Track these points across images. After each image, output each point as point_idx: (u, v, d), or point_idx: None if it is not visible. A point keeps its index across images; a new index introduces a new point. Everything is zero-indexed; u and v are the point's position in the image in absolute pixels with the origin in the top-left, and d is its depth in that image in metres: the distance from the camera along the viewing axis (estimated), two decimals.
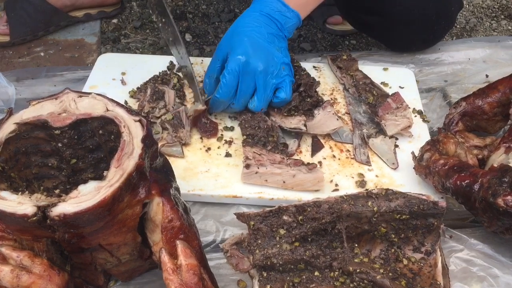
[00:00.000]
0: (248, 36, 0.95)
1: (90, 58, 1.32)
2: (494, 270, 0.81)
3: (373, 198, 0.77)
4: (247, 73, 0.94)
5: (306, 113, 0.99)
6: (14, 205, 0.57)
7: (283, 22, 0.99)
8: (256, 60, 0.93)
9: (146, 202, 0.66)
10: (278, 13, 0.99)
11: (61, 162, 0.71)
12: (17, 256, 0.60)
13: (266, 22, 0.97)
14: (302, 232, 0.76)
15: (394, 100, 0.99)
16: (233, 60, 0.94)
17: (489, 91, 0.97)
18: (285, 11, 0.99)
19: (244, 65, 0.93)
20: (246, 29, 0.96)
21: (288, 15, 0.99)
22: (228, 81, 0.94)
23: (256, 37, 0.95)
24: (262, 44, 0.95)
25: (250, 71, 0.93)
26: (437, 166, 0.85)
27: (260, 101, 0.97)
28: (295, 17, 1.00)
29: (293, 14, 1.00)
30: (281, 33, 0.99)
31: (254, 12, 0.99)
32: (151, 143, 0.66)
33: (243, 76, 0.94)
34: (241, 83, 0.95)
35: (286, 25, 0.99)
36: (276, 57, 0.96)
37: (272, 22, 0.98)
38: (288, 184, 0.89)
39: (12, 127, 0.66)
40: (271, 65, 0.95)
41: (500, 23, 1.58)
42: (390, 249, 0.78)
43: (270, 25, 0.97)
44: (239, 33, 0.96)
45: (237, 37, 0.96)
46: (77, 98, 0.70)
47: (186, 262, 0.62)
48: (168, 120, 0.96)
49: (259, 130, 0.95)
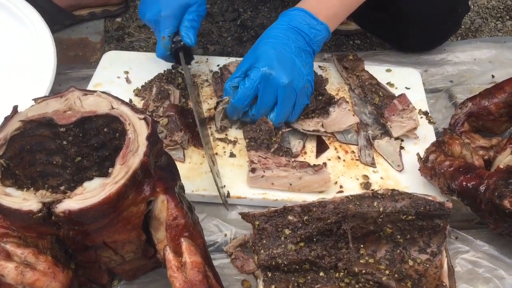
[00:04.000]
0: (274, 48, 0.92)
1: (94, 57, 1.32)
2: (500, 271, 0.81)
3: (379, 198, 0.76)
4: (269, 85, 0.91)
5: (320, 112, 0.99)
6: (19, 201, 0.57)
7: (312, 35, 0.95)
8: (281, 73, 0.90)
9: (151, 199, 0.66)
10: (307, 26, 0.95)
11: (66, 160, 0.71)
12: (22, 253, 0.60)
13: (294, 36, 0.94)
14: (307, 232, 0.75)
15: (400, 102, 0.98)
16: (257, 70, 0.91)
17: (495, 91, 0.97)
18: (314, 24, 0.96)
19: (266, 77, 0.90)
20: (272, 41, 0.93)
21: (318, 27, 0.96)
22: (246, 88, 0.92)
23: (282, 49, 0.92)
24: (289, 57, 0.92)
25: (273, 84, 0.91)
26: (443, 167, 0.85)
27: (279, 115, 0.94)
28: (325, 30, 0.97)
29: (323, 27, 0.96)
30: (309, 48, 0.96)
31: (282, 25, 0.96)
32: (156, 141, 0.66)
33: (265, 88, 0.91)
34: (262, 95, 0.92)
35: (315, 38, 0.96)
36: (302, 72, 0.93)
37: (300, 35, 0.95)
38: (295, 186, 0.88)
39: (17, 125, 0.66)
40: (297, 79, 0.92)
41: (505, 24, 1.57)
42: (395, 250, 0.78)
43: (298, 39, 0.94)
44: (265, 44, 0.93)
45: (263, 48, 0.93)
46: (82, 96, 0.70)
47: (191, 260, 0.62)
48: (164, 125, 0.96)
49: (260, 132, 0.94)
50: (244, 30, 1.49)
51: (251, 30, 1.48)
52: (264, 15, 1.54)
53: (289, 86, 0.91)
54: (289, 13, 0.98)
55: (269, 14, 1.54)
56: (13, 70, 1.07)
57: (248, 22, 1.51)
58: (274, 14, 1.54)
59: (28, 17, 1.08)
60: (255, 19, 1.52)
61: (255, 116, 0.95)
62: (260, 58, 0.92)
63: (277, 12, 1.54)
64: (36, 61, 1.07)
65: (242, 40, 1.45)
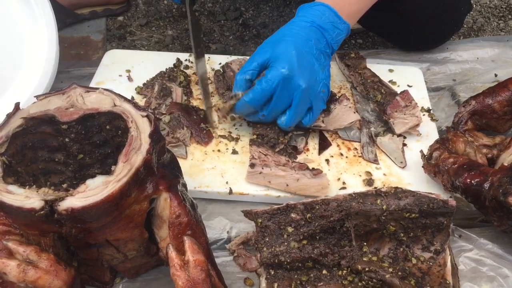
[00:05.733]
0: (296, 49, 0.87)
1: (95, 56, 1.32)
2: (504, 270, 0.80)
3: (382, 196, 0.76)
4: (286, 89, 0.87)
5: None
6: (22, 199, 0.57)
7: (334, 34, 0.91)
8: (300, 77, 0.86)
9: (154, 197, 0.66)
10: (330, 24, 0.91)
11: (68, 157, 0.71)
12: (24, 250, 0.59)
13: (316, 35, 0.90)
14: (310, 230, 0.75)
15: (403, 98, 0.98)
16: (276, 70, 0.86)
17: (499, 89, 0.96)
18: (338, 22, 0.91)
19: (286, 79, 0.86)
20: (294, 39, 0.89)
21: (340, 27, 0.92)
22: (263, 89, 0.87)
23: (303, 51, 0.88)
24: (310, 60, 0.88)
25: (291, 88, 0.87)
26: (447, 164, 0.84)
27: (290, 119, 0.90)
28: (346, 29, 0.93)
29: (345, 26, 0.93)
30: (329, 49, 0.92)
31: (305, 22, 0.91)
32: (158, 139, 0.66)
33: (282, 90, 0.87)
34: (277, 97, 0.88)
35: (336, 38, 0.92)
36: (319, 76, 0.89)
37: (323, 36, 0.91)
38: (291, 187, 0.87)
39: (19, 122, 0.66)
40: (313, 84, 0.88)
41: (507, 23, 1.57)
42: (399, 248, 0.77)
43: (320, 40, 0.90)
44: (287, 42, 0.88)
45: (284, 46, 0.88)
46: (84, 93, 0.70)
47: (194, 258, 0.61)
48: (166, 123, 0.96)
49: (270, 131, 0.94)
50: (246, 29, 1.48)
51: (253, 29, 1.48)
52: (266, 14, 1.53)
53: (306, 91, 0.88)
54: (312, 8, 0.93)
55: (271, 13, 1.54)
56: (13, 61, 1.05)
57: (249, 21, 1.51)
58: (276, 13, 1.53)
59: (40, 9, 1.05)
60: (256, 18, 1.52)
61: (266, 117, 0.91)
62: (280, 57, 0.87)
63: (278, 11, 1.54)
64: (37, 56, 1.05)
65: (244, 39, 1.45)
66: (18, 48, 1.05)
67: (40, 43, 1.05)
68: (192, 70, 1.13)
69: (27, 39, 1.05)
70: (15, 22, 1.05)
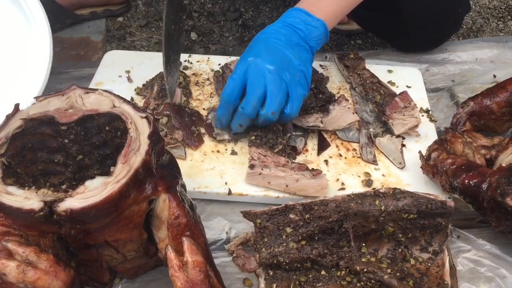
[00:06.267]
0: (264, 41, 0.92)
1: (95, 56, 1.32)
2: (502, 270, 0.81)
3: (381, 197, 0.76)
4: (256, 74, 0.89)
5: (321, 109, 0.98)
6: (21, 200, 0.57)
7: (307, 32, 0.94)
8: (266, 60, 0.89)
9: (153, 198, 0.66)
10: (302, 23, 0.94)
11: (67, 158, 0.71)
12: (23, 251, 0.59)
13: (287, 32, 0.93)
14: (309, 231, 0.75)
15: (402, 99, 0.98)
16: (243, 59, 0.91)
17: (497, 90, 0.96)
18: (310, 21, 0.95)
19: (253, 65, 0.89)
20: (263, 36, 0.94)
21: (314, 24, 0.95)
22: (234, 78, 0.90)
23: (272, 42, 0.92)
24: (278, 48, 0.91)
25: (259, 72, 0.88)
26: (445, 165, 0.84)
27: (269, 104, 0.89)
28: (321, 26, 0.95)
29: (319, 23, 0.95)
30: (304, 43, 0.94)
31: (277, 24, 0.95)
32: (157, 140, 0.66)
33: (252, 76, 0.89)
34: (249, 84, 0.89)
35: (310, 35, 0.94)
36: (292, 63, 0.91)
37: (295, 32, 0.94)
38: (291, 188, 0.87)
39: (18, 123, 0.66)
40: (285, 68, 0.90)
41: (506, 24, 1.57)
42: (397, 249, 0.78)
43: (291, 35, 0.93)
44: (257, 41, 0.94)
45: (253, 44, 0.94)
46: (83, 94, 0.70)
47: (192, 259, 0.61)
48: (164, 124, 0.96)
49: (268, 131, 0.94)
50: (246, 29, 1.49)
51: (253, 29, 1.48)
52: (266, 15, 1.54)
53: (275, 73, 0.89)
54: (285, 13, 0.98)
55: (271, 14, 1.54)
56: (8, 64, 1.05)
57: (249, 22, 1.51)
58: (276, 13, 1.54)
59: (31, 11, 1.05)
60: (256, 19, 1.52)
61: (244, 109, 0.90)
62: (249, 51, 0.92)
63: (278, 12, 1.54)
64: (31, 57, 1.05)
65: (244, 40, 1.45)
66: (12, 50, 1.05)
67: (34, 45, 1.05)
68: (191, 70, 1.14)
69: (21, 40, 1.05)
70: (8, 25, 1.05)
